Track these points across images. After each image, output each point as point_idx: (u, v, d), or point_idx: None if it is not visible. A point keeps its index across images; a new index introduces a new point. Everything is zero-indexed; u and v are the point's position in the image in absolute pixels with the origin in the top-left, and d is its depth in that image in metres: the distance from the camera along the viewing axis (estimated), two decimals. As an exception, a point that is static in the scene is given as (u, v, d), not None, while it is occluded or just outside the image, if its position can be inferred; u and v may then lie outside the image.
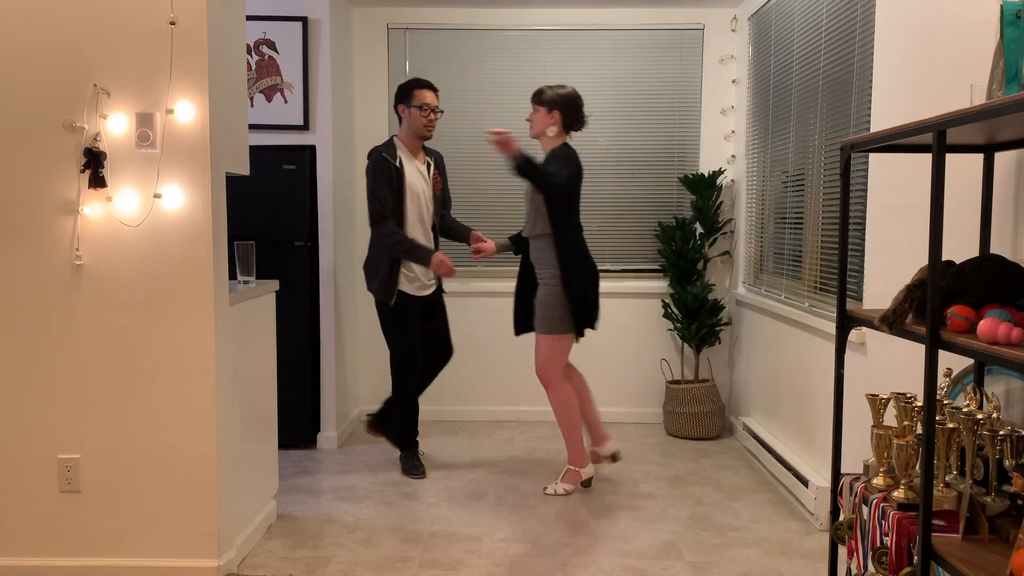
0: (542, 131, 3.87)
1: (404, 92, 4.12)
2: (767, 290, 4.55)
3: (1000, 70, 1.84)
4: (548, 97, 3.84)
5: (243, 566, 3.11)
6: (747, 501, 3.81)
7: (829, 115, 3.63)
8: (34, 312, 2.89)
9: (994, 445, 1.90)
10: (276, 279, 4.18)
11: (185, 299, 2.88)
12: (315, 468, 4.30)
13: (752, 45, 4.83)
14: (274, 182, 4.51)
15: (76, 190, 2.85)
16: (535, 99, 3.88)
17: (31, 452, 2.93)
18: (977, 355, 1.73)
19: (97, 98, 2.84)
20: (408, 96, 4.10)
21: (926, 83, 2.73)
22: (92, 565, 2.94)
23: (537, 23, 5.17)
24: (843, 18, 3.49)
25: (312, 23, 4.55)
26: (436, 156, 4.28)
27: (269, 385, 3.53)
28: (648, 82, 5.19)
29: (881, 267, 3.05)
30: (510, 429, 5.07)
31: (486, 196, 5.21)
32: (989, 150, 2.22)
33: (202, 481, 2.92)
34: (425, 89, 4.11)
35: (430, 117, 4.11)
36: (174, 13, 2.80)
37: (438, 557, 3.18)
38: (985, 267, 1.94)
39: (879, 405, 2.30)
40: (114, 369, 2.90)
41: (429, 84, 4.14)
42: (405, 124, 4.13)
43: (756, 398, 4.63)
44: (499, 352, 5.24)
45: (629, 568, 3.09)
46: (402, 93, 4.12)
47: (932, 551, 1.89)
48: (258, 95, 4.57)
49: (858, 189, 3.27)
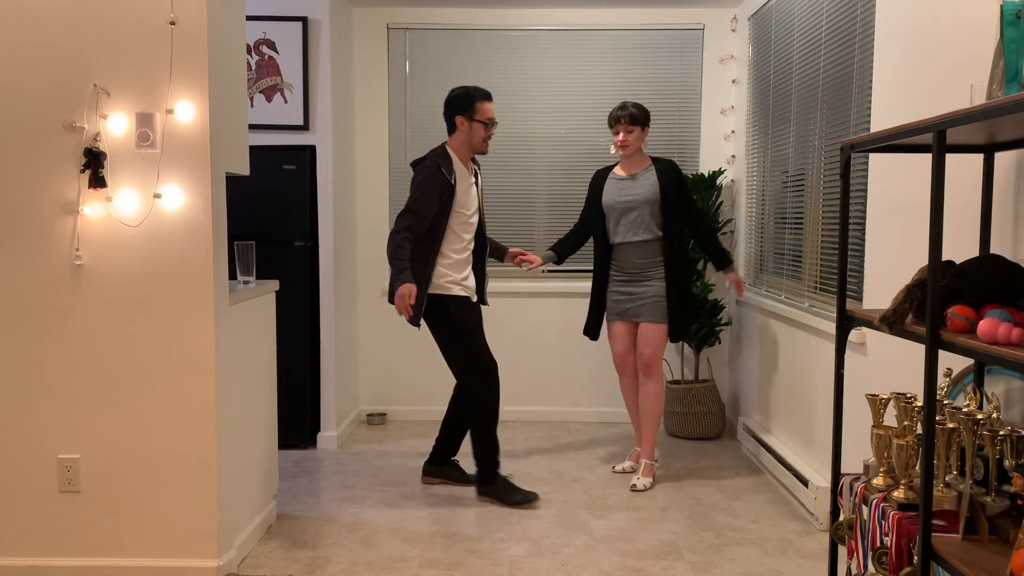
0: (638, 148, 4.11)
1: (466, 103, 3.81)
2: (767, 290, 4.55)
3: (1000, 70, 1.84)
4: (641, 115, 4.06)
5: (243, 566, 3.11)
6: (747, 501, 3.81)
7: (829, 115, 3.63)
8: (34, 312, 2.89)
9: (994, 445, 1.90)
10: (276, 279, 4.18)
11: (185, 299, 2.88)
12: (315, 468, 4.30)
13: (752, 45, 4.83)
14: (274, 182, 4.51)
15: (76, 190, 2.85)
16: (630, 121, 4.03)
17: (31, 452, 2.93)
18: (977, 355, 1.73)
19: (97, 98, 2.84)
20: (470, 107, 3.81)
21: (926, 83, 2.73)
22: (92, 565, 2.94)
23: (537, 23, 5.17)
24: (843, 18, 3.49)
25: (312, 23, 4.55)
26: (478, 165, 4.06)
27: (269, 385, 3.53)
28: (648, 82, 5.19)
29: (881, 267, 3.04)
30: (510, 429, 5.07)
31: (486, 196, 5.21)
32: (989, 150, 2.22)
33: (202, 481, 2.92)
34: (488, 101, 3.85)
35: (491, 132, 3.87)
36: (174, 13, 2.80)
37: (438, 557, 3.18)
38: (985, 267, 1.94)
39: (879, 405, 2.30)
40: (114, 369, 2.90)
41: (490, 95, 3.89)
42: (463, 136, 3.83)
43: (756, 398, 4.63)
44: (499, 352, 5.24)
45: (629, 568, 3.09)
46: (463, 103, 3.82)
47: (932, 551, 1.89)
48: (258, 95, 4.57)
49: (858, 189, 3.27)
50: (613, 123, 4.09)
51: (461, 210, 3.82)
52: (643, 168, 4.12)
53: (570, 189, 5.23)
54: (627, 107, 4.06)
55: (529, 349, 5.25)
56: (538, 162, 5.23)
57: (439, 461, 4.08)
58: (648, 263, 4.07)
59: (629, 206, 4.06)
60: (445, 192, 3.75)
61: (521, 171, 5.23)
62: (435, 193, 3.72)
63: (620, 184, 4.13)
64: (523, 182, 5.23)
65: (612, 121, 4.09)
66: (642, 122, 4.07)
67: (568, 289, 5.22)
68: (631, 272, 4.10)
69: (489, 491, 3.81)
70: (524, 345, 5.25)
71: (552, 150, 5.23)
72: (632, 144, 4.07)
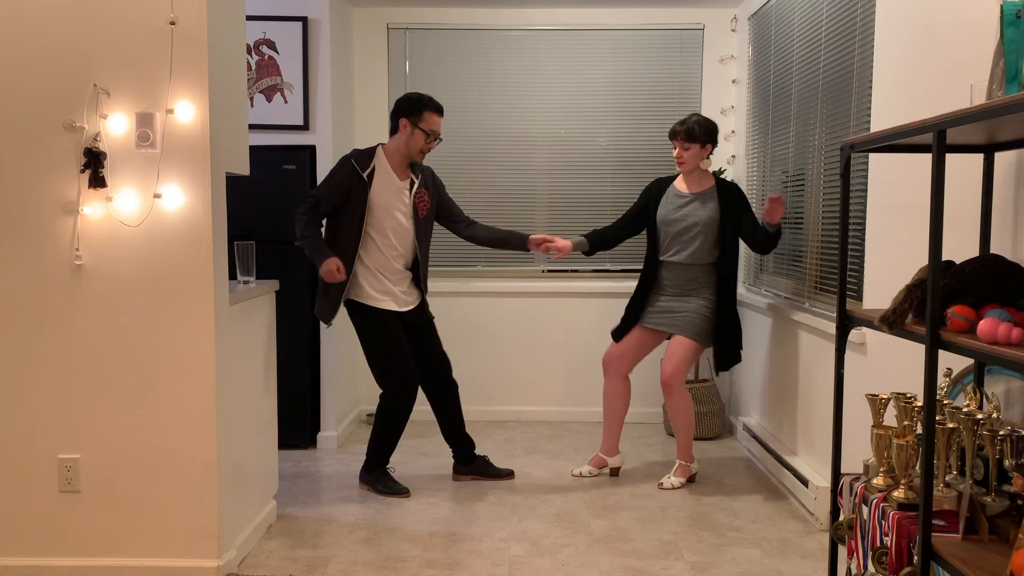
0: (696, 166, 3.97)
1: (414, 108, 3.80)
2: (767, 290, 4.55)
3: (1000, 70, 1.84)
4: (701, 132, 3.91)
5: (243, 566, 3.11)
6: (747, 501, 3.81)
7: (829, 115, 3.63)
8: (34, 312, 2.89)
9: (994, 445, 1.90)
10: (276, 279, 4.17)
11: (185, 299, 2.88)
12: (315, 468, 4.30)
13: (752, 45, 4.83)
14: (274, 182, 4.51)
15: (76, 190, 2.85)
16: (686, 137, 3.90)
17: (31, 452, 2.93)
18: (977, 355, 1.73)
19: (97, 98, 2.84)
20: (418, 114, 3.79)
21: (926, 83, 2.73)
22: (92, 565, 2.94)
23: (537, 23, 5.17)
24: (843, 18, 3.49)
25: (312, 23, 4.55)
26: (426, 172, 3.96)
27: (269, 385, 3.53)
28: (648, 82, 5.19)
29: (881, 267, 3.04)
30: (510, 429, 5.07)
31: (486, 196, 5.22)
32: (989, 150, 2.22)
33: (202, 481, 2.92)
34: (437, 114, 3.83)
35: (431, 145, 3.84)
36: (174, 13, 2.79)
37: (438, 557, 3.18)
38: (985, 267, 1.95)
39: (879, 405, 2.30)
40: (114, 369, 2.90)
41: (442, 109, 3.86)
42: (401, 140, 3.82)
43: (756, 398, 4.63)
44: (499, 352, 5.24)
45: (629, 568, 3.09)
46: (411, 108, 3.80)
47: (932, 551, 1.89)
48: (258, 95, 4.57)
49: (858, 189, 3.27)
50: (671, 137, 3.96)
51: (379, 214, 3.76)
52: (704, 188, 3.96)
53: (570, 189, 5.23)
54: (687, 122, 3.91)
55: (529, 349, 5.25)
56: (538, 162, 5.23)
57: (467, 459, 4.11)
58: (690, 283, 3.95)
59: (684, 226, 3.92)
60: (356, 188, 3.74)
61: (521, 171, 5.23)
62: (339, 185, 3.75)
63: (678, 201, 3.98)
64: (523, 182, 5.23)
65: (671, 135, 3.97)
66: (701, 139, 3.89)
67: (568, 289, 5.22)
68: (674, 291, 3.98)
69: (368, 479, 3.95)
70: (524, 345, 5.25)
71: (552, 150, 5.23)
72: (688, 161, 3.92)
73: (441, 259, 5.23)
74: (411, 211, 3.85)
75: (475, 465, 4.11)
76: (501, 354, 5.25)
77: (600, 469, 4.19)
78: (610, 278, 5.24)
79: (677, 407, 3.98)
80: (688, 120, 3.92)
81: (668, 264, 4.00)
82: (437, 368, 4.01)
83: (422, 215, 3.88)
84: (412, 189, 3.86)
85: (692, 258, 3.93)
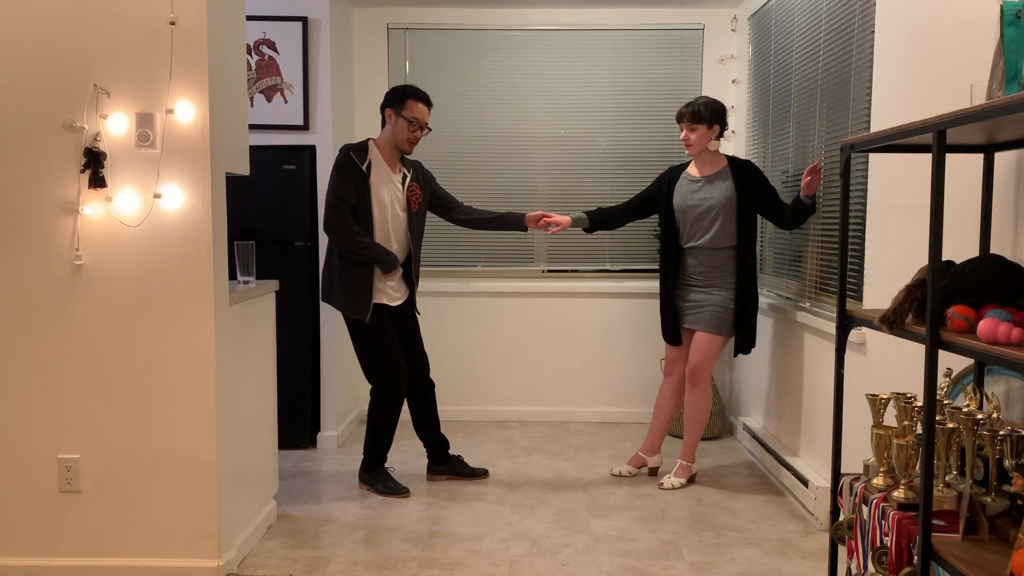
0: (704, 147, 3.93)
1: (397, 98, 3.81)
2: (767, 290, 4.55)
3: (1000, 70, 1.84)
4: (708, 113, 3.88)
5: (243, 566, 3.11)
6: (747, 501, 3.81)
7: (829, 115, 3.63)
8: (34, 312, 2.89)
9: (994, 445, 1.90)
10: (276, 279, 4.17)
11: (185, 299, 2.88)
12: (315, 468, 4.30)
13: (752, 45, 4.83)
14: (274, 182, 4.51)
15: (76, 190, 2.85)
16: (692, 118, 3.88)
17: (31, 452, 2.93)
18: (977, 355, 1.73)
19: (97, 98, 2.84)
20: (400, 103, 3.79)
21: (926, 83, 2.73)
22: (92, 565, 2.94)
23: (537, 23, 5.17)
24: (843, 18, 3.49)
25: (312, 23, 4.55)
26: (416, 167, 3.96)
27: (269, 385, 3.53)
28: (648, 82, 5.19)
29: (881, 267, 3.04)
30: (510, 429, 5.07)
31: (486, 196, 5.21)
32: (989, 150, 2.22)
33: (202, 481, 2.92)
34: (420, 103, 3.82)
35: (416, 134, 3.81)
36: (174, 13, 2.80)
37: (438, 557, 3.18)
38: (985, 267, 1.95)
39: (879, 405, 2.30)
40: (114, 369, 2.90)
41: (425, 97, 3.84)
42: (388, 131, 3.82)
43: (756, 398, 4.63)
44: (499, 353, 5.24)
45: (629, 568, 3.09)
46: (394, 98, 3.82)
47: (932, 551, 1.89)
48: (258, 95, 4.57)
49: (858, 189, 3.27)
50: (678, 119, 3.95)
51: (375, 208, 3.77)
52: (717, 170, 3.94)
53: (570, 189, 5.23)
54: (693, 103, 3.90)
55: (529, 349, 5.24)
56: (538, 162, 5.23)
57: (441, 459, 4.11)
58: (715, 271, 3.92)
59: (702, 210, 3.90)
60: (360, 181, 3.73)
61: (521, 171, 5.23)
62: (349, 180, 3.72)
63: (692, 186, 3.97)
64: (523, 182, 5.23)
65: (677, 117, 3.96)
66: (707, 120, 3.87)
67: (568, 289, 5.21)
68: (696, 278, 3.96)
69: (368, 479, 3.94)
70: (524, 345, 5.24)
71: (552, 150, 5.23)
72: (696, 143, 3.91)
73: (441, 259, 5.23)
74: (405, 204, 3.86)
75: (449, 464, 4.11)
76: (501, 354, 5.25)
77: (639, 468, 4.19)
78: (610, 278, 5.24)
79: (697, 400, 3.97)
80: (695, 102, 3.92)
81: (692, 250, 3.96)
82: (416, 366, 4.02)
83: (415, 208, 3.89)
84: (404, 183, 3.87)
85: (714, 241, 3.90)
